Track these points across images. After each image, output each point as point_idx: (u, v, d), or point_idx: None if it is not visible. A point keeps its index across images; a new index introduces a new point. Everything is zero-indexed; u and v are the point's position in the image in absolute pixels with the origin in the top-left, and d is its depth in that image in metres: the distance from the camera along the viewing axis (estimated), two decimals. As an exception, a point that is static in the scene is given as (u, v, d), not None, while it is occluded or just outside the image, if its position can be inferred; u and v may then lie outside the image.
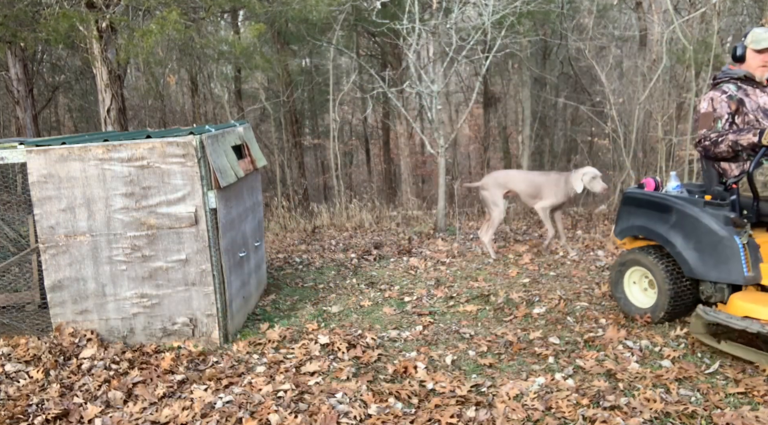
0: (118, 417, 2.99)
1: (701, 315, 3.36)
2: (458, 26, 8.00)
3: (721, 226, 3.45)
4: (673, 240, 3.70)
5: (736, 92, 3.57)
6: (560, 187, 5.68)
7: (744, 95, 3.56)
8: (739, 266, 3.36)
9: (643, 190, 4.06)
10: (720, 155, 3.52)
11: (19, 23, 7.24)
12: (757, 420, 2.63)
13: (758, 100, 3.56)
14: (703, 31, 10.48)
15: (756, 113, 3.52)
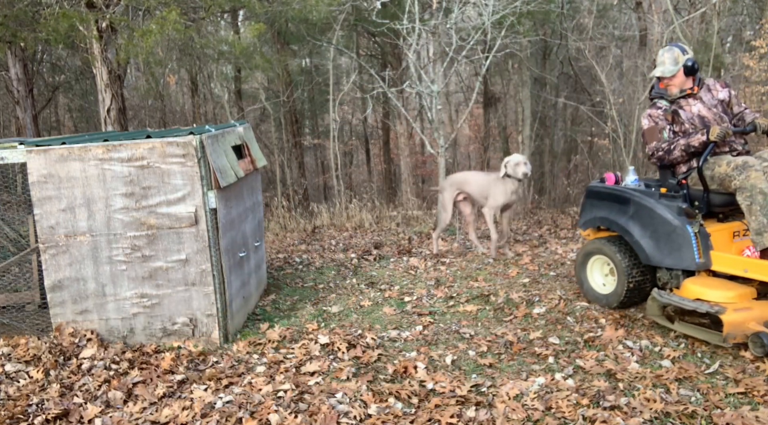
0: (118, 417, 2.98)
1: (656, 298, 3.63)
2: (458, 26, 8.00)
3: (675, 216, 3.73)
4: (631, 230, 3.97)
5: (670, 106, 3.95)
6: (503, 185, 5.60)
7: (678, 107, 3.91)
8: (691, 253, 3.65)
9: (605, 184, 4.33)
10: (675, 161, 3.88)
11: (19, 23, 7.24)
12: (757, 420, 2.63)
13: (692, 108, 3.90)
14: (703, 31, 10.48)
15: (692, 121, 3.87)
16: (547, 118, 14.52)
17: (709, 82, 3.99)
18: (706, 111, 3.89)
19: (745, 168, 3.53)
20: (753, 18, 13.22)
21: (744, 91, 10.51)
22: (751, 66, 10.10)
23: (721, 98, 3.93)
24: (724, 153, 3.84)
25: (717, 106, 3.90)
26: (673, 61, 3.86)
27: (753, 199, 3.47)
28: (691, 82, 3.90)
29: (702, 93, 3.94)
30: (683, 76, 3.87)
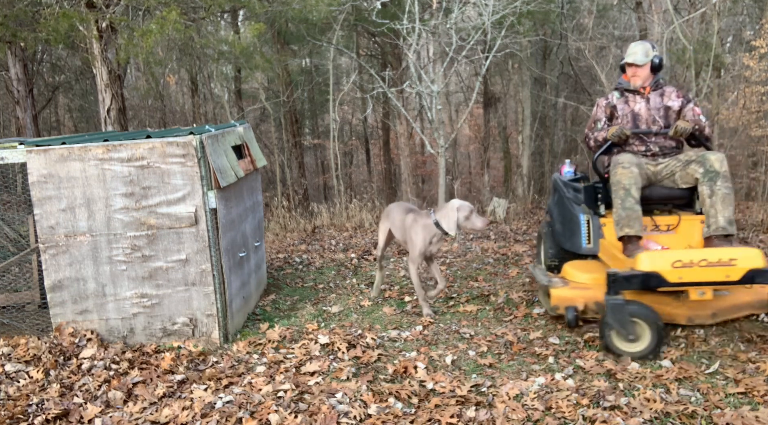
0: (118, 417, 2.98)
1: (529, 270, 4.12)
2: (458, 26, 8.00)
3: (573, 205, 4.26)
4: (553, 216, 4.59)
5: (617, 100, 4.12)
6: (428, 231, 4.19)
7: (623, 103, 4.09)
8: (580, 239, 4.15)
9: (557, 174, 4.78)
10: (594, 149, 4.18)
11: (19, 23, 7.24)
12: (757, 420, 2.63)
13: (634, 106, 4.06)
14: (703, 31, 10.48)
15: (625, 117, 4.06)
16: (547, 118, 14.52)
17: (667, 89, 4.06)
18: (644, 111, 4.02)
19: (617, 164, 3.83)
20: (753, 18, 13.22)
21: (744, 91, 10.51)
22: (751, 66, 10.10)
23: (669, 105, 4.00)
24: (640, 153, 4.02)
25: (659, 110, 4.00)
26: (644, 53, 3.98)
27: (616, 193, 3.79)
28: (649, 81, 4.05)
29: (652, 94, 4.04)
30: (649, 70, 4.02)
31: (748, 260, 3.28)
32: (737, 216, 7.30)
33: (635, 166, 3.80)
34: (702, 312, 3.62)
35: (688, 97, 4.04)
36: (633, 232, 3.73)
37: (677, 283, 3.36)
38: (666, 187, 3.96)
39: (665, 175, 3.94)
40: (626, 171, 3.78)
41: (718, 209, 3.63)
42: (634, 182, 3.76)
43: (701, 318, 3.62)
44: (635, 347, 3.43)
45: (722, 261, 3.30)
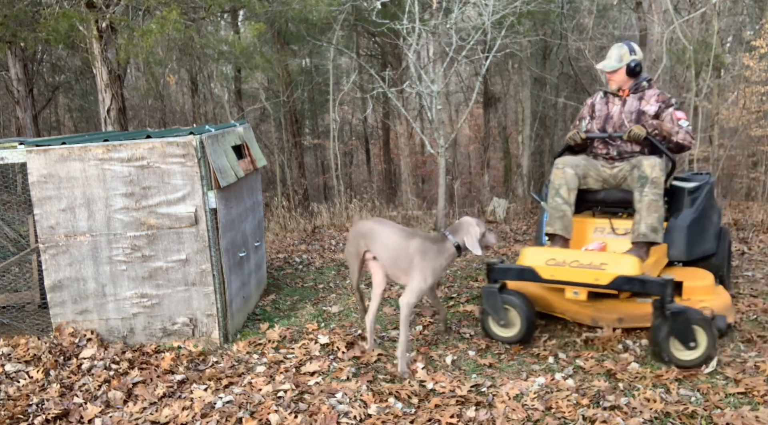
0: (118, 417, 2.98)
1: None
2: (458, 26, 8.00)
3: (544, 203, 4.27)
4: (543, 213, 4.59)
5: (599, 100, 4.13)
6: (448, 257, 3.34)
7: (603, 104, 4.09)
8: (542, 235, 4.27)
9: None
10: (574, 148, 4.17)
11: (19, 23, 7.24)
12: (757, 420, 2.63)
13: (612, 109, 4.03)
14: (703, 31, 10.48)
15: (600, 119, 4.06)
16: (547, 118, 14.52)
17: (649, 92, 3.95)
18: (617, 114, 3.99)
19: (554, 166, 3.90)
20: (753, 18, 13.23)
21: (744, 91, 10.51)
22: (751, 66, 10.10)
23: (644, 110, 3.91)
24: (601, 156, 4.03)
25: (632, 114, 3.93)
26: (618, 58, 3.94)
27: (549, 192, 3.86)
28: (628, 85, 3.98)
29: (631, 97, 3.97)
30: (624, 75, 3.96)
31: (618, 266, 3.27)
32: (737, 216, 7.30)
33: (570, 167, 3.83)
34: (608, 316, 3.67)
35: (669, 102, 3.90)
36: (552, 231, 3.80)
37: (550, 280, 3.46)
38: (622, 191, 3.93)
39: (620, 179, 3.91)
40: (558, 171, 3.84)
41: (643, 215, 3.60)
42: (564, 183, 3.80)
43: (606, 321, 3.67)
44: (508, 332, 3.68)
45: (593, 264, 3.33)
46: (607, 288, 3.31)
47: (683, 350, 3.18)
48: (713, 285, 3.71)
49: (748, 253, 5.56)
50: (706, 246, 3.97)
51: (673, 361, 3.18)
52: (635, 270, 3.26)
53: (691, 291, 3.60)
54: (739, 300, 4.24)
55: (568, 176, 3.82)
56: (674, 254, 3.87)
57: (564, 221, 3.80)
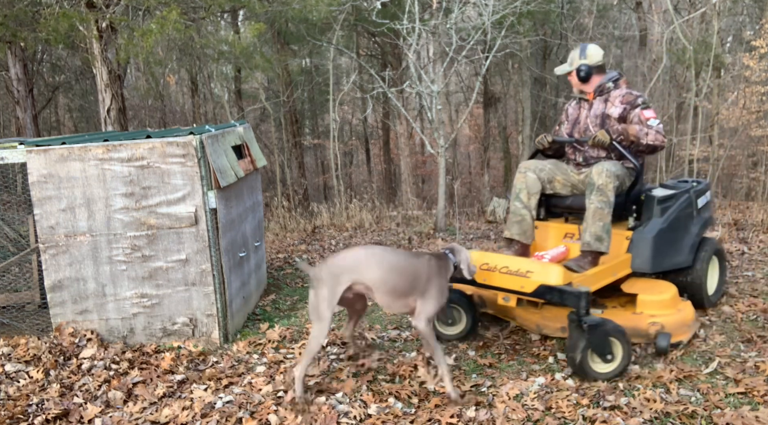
0: (118, 417, 2.99)
1: None
2: (458, 26, 8.00)
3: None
4: None
5: (573, 105, 4.01)
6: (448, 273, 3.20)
7: (576, 108, 3.97)
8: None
9: None
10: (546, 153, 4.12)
11: (19, 23, 7.24)
12: (757, 420, 2.63)
13: (580, 112, 3.92)
14: (703, 31, 10.48)
15: (570, 124, 3.96)
16: (547, 118, 14.52)
17: (614, 93, 3.79)
18: (584, 118, 3.87)
19: (518, 170, 3.84)
20: (753, 18, 13.23)
21: (744, 91, 10.51)
22: (751, 66, 10.10)
23: (609, 113, 3.75)
24: (572, 161, 3.98)
25: (597, 118, 3.79)
26: (570, 61, 3.87)
27: (510, 196, 3.81)
28: (591, 88, 3.85)
29: (597, 100, 3.83)
30: (576, 78, 3.86)
31: (543, 275, 3.21)
32: (737, 216, 7.30)
33: (532, 171, 3.76)
34: (552, 324, 3.62)
35: (635, 102, 3.71)
36: (509, 235, 3.75)
37: (483, 285, 3.44)
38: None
39: (586, 185, 3.75)
40: (520, 175, 3.79)
41: (588, 224, 3.50)
42: (525, 187, 3.74)
43: (549, 329, 3.62)
44: (453, 330, 3.78)
45: (520, 271, 3.29)
46: (531, 296, 3.25)
47: (600, 363, 3.11)
48: (674, 299, 3.56)
49: (748, 253, 5.56)
50: (677, 259, 3.78)
51: (591, 374, 3.09)
52: (558, 280, 3.16)
53: (644, 305, 3.51)
54: (739, 300, 4.24)
55: (530, 180, 3.75)
56: (637, 265, 3.67)
57: (522, 226, 3.72)
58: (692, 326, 3.56)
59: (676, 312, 3.51)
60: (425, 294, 3.09)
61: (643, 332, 3.40)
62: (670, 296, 3.55)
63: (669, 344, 3.30)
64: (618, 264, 3.61)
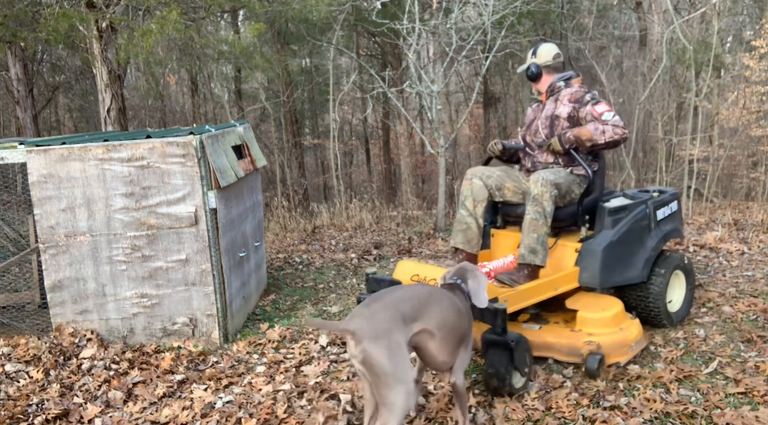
0: (118, 417, 2.99)
1: None
2: (458, 26, 8.00)
3: None
4: None
5: (533, 107, 3.85)
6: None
7: (534, 111, 3.81)
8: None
9: None
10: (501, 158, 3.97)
11: (19, 23, 7.24)
12: (757, 420, 2.63)
13: (537, 114, 3.76)
14: (703, 31, 10.49)
15: (524, 128, 3.83)
16: (547, 118, 14.49)
17: (564, 93, 3.66)
18: (536, 121, 3.74)
19: (465, 177, 3.66)
20: (753, 18, 13.23)
21: (744, 91, 10.52)
22: (751, 66, 10.10)
23: (557, 113, 3.61)
24: (522, 167, 3.85)
25: (547, 120, 3.66)
26: (527, 60, 3.77)
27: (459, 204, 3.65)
28: (543, 88, 3.74)
29: (549, 101, 3.71)
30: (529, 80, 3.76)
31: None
32: (737, 217, 7.30)
33: (478, 178, 3.60)
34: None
35: (583, 99, 3.55)
36: (453, 244, 3.61)
37: None
38: None
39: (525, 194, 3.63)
40: (466, 182, 3.63)
41: (524, 235, 3.37)
42: (471, 194, 3.58)
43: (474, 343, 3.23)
44: None
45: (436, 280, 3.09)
46: None
47: (518, 377, 2.97)
48: (617, 317, 3.35)
49: (748, 253, 5.56)
50: (628, 274, 3.54)
51: (510, 390, 2.93)
52: None
53: (584, 323, 3.32)
54: (739, 300, 4.24)
55: (476, 187, 3.58)
56: (585, 279, 3.45)
57: (467, 234, 3.55)
58: (635, 347, 3.32)
59: (617, 331, 3.30)
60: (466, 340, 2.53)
61: (577, 351, 3.22)
62: (612, 314, 3.34)
63: (599, 366, 3.09)
64: (561, 278, 3.41)
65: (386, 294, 2.29)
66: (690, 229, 6.79)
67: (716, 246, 5.75)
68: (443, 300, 2.42)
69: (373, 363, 2.07)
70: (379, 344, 2.08)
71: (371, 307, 2.20)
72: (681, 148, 10.51)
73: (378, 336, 2.09)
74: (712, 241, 5.90)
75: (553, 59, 3.69)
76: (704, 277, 4.85)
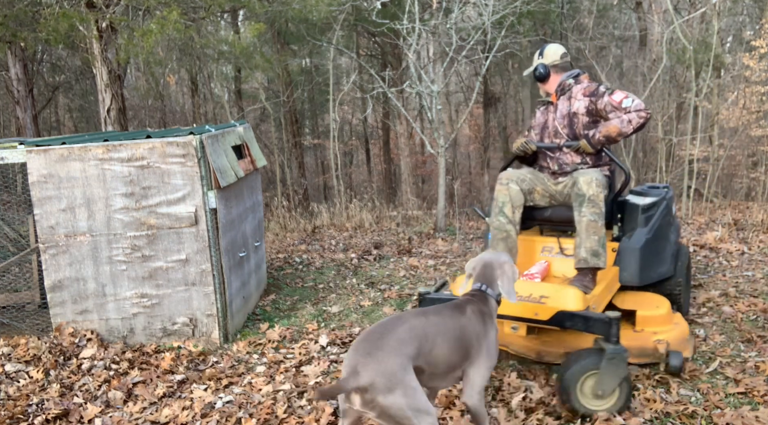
0: (118, 417, 2.99)
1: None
2: (458, 26, 8.01)
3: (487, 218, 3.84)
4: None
5: (541, 109, 3.74)
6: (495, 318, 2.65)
7: (543, 112, 3.71)
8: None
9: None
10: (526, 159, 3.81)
11: (19, 23, 7.24)
12: (757, 420, 2.63)
13: (547, 116, 3.66)
14: (703, 31, 10.48)
15: (537, 129, 3.71)
16: (547, 118, 14.49)
17: (575, 89, 3.56)
18: (551, 121, 3.63)
19: (498, 182, 3.53)
20: (753, 18, 13.23)
21: (744, 91, 10.52)
22: (751, 66, 10.10)
23: (574, 111, 3.51)
24: (546, 170, 3.68)
25: (564, 119, 3.56)
26: (533, 62, 3.70)
27: (493, 210, 3.50)
28: (552, 88, 3.65)
29: (561, 100, 3.60)
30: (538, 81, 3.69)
31: (560, 300, 2.89)
32: (737, 216, 7.30)
33: (515, 183, 3.47)
34: (554, 350, 3.22)
35: (597, 91, 3.46)
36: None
37: None
38: (569, 208, 3.48)
39: (566, 196, 3.52)
40: (502, 188, 3.48)
41: (582, 239, 3.22)
42: (509, 200, 3.44)
43: (551, 356, 3.18)
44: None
45: (533, 297, 2.95)
46: (547, 324, 2.91)
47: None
48: (669, 313, 3.40)
49: (748, 253, 5.56)
50: (662, 269, 3.58)
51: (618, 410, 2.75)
52: (578, 305, 2.87)
53: (645, 322, 3.30)
54: (739, 300, 4.24)
55: (513, 193, 3.45)
56: (626, 278, 3.44)
57: (508, 243, 3.42)
58: (690, 340, 3.33)
59: (674, 326, 3.32)
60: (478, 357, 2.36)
61: (649, 351, 3.13)
62: (666, 310, 3.36)
63: (683, 363, 2.98)
64: (612, 280, 3.38)
65: (385, 336, 2.11)
66: (690, 229, 6.79)
67: (716, 246, 5.75)
68: (445, 332, 2.27)
69: (392, 414, 1.99)
70: (395, 394, 1.99)
71: (376, 357, 2.02)
72: (681, 148, 10.51)
73: (392, 387, 1.99)
74: (712, 241, 5.90)
75: (560, 59, 3.63)
76: (704, 277, 4.85)
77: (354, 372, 2.00)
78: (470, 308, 2.39)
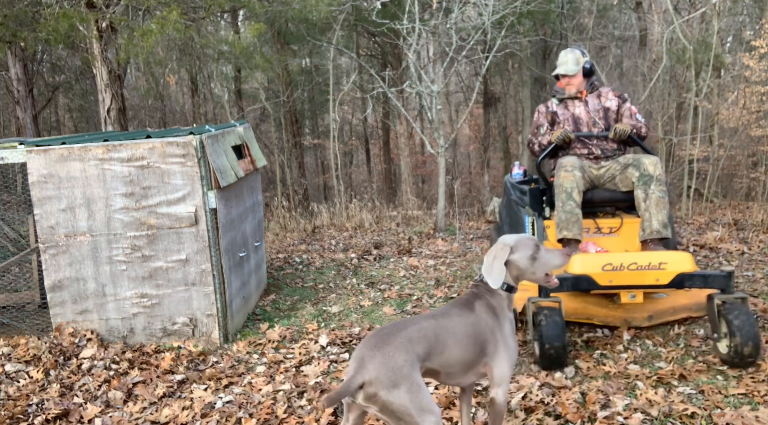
0: (118, 417, 2.99)
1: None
2: (458, 26, 8.00)
3: (519, 207, 4.36)
4: (502, 217, 4.75)
5: (556, 106, 4.21)
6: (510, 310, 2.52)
7: (563, 108, 4.18)
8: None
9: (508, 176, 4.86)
10: (538, 154, 4.18)
11: (19, 23, 7.24)
12: (757, 420, 2.63)
13: (575, 110, 4.15)
14: (703, 31, 10.48)
15: (566, 122, 4.14)
16: (547, 118, 14.49)
17: (603, 90, 4.16)
18: (584, 114, 4.12)
19: (560, 168, 3.88)
20: (753, 18, 13.23)
21: (744, 91, 10.51)
22: (751, 66, 10.10)
23: (607, 106, 4.10)
24: (583, 156, 4.09)
25: (599, 112, 4.09)
26: (575, 61, 4.09)
27: (558, 196, 3.83)
28: (583, 85, 4.15)
29: (590, 97, 4.14)
30: (581, 77, 4.13)
31: (677, 264, 3.30)
32: (737, 217, 7.30)
33: (578, 169, 3.84)
34: (638, 315, 3.67)
35: (623, 97, 4.12)
36: (571, 235, 3.77)
37: (607, 286, 3.38)
38: (609, 190, 3.99)
39: (607, 179, 3.98)
40: (568, 174, 3.81)
41: (652, 212, 3.68)
42: (576, 185, 3.80)
43: (637, 320, 3.66)
44: None
45: (652, 264, 3.31)
46: (668, 286, 3.33)
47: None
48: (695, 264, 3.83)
49: (748, 253, 5.56)
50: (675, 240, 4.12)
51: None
52: (692, 266, 3.31)
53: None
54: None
55: (577, 178, 3.82)
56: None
57: (579, 225, 3.80)
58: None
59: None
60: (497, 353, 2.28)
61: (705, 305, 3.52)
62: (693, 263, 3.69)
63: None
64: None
65: (395, 333, 2.09)
66: (690, 229, 6.79)
67: (716, 246, 5.75)
68: (455, 333, 2.20)
69: (394, 410, 1.96)
70: (399, 390, 1.95)
71: (384, 351, 2.01)
72: (681, 148, 10.51)
73: (397, 382, 1.96)
74: (712, 241, 5.90)
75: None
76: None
77: (361, 366, 1.99)
78: (478, 304, 2.30)
